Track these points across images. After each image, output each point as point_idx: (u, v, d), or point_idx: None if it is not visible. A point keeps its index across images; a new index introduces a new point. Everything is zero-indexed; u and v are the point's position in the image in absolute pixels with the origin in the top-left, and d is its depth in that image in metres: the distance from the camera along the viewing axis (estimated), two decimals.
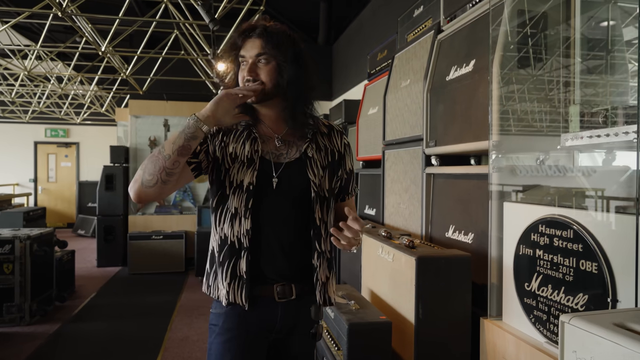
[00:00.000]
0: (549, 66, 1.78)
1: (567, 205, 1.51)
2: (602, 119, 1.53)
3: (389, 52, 3.48)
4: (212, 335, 1.33)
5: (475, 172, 2.04)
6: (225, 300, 1.26)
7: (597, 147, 1.61)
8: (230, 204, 1.27)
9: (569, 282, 1.35)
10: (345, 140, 1.43)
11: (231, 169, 1.27)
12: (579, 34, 1.77)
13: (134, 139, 6.52)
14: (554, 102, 1.75)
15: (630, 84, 1.72)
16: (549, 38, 1.80)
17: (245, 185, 1.25)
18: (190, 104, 6.45)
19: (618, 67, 1.76)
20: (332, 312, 1.91)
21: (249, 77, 1.24)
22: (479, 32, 2.06)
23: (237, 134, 1.31)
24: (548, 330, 1.43)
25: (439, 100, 2.31)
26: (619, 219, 1.22)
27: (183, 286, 5.23)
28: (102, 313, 4.23)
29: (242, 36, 1.27)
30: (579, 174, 1.72)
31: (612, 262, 1.21)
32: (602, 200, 1.52)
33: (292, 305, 1.29)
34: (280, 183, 1.27)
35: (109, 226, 6.21)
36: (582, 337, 0.93)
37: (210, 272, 1.33)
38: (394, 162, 2.93)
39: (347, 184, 1.43)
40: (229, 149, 1.29)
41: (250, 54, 1.25)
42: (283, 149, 1.31)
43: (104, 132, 10.62)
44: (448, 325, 1.74)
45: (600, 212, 1.30)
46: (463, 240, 2.06)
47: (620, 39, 1.77)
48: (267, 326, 1.30)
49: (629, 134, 1.37)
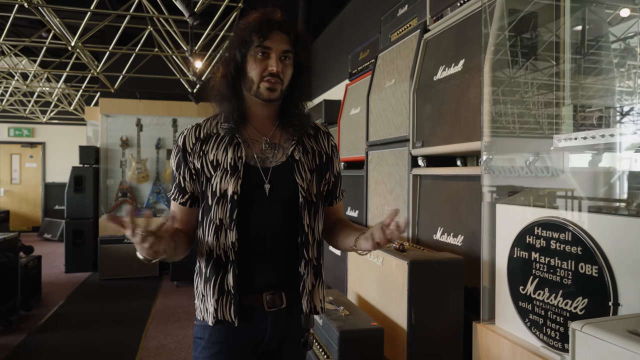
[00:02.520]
0: (540, 67, 1.77)
1: (561, 207, 1.49)
2: (596, 120, 1.52)
3: (372, 52, 3.44)
4: (198, 349, 1.25)
5: (464, 173, 2.01)
6: (213, 319, 1.19)
7: (590, 148, 1.60)
8: (214, 216, 1.19)
9: (568, 286, 1.33)
10: (332, 141, 1.37)
11: (213, 178, 1.19)
12: (569, 35, 1.76)
13: (105, 139, 6.28)
14: (546, 103, 1.74)
15: (617, 85, 1.72)
16: (539, 38, 1.79)
17: (230, 195, 1.17)
18: (165, 103, 6.26)
19: (606, 68, 1.76)
20: (321, 319, 1.84)
21: (276, 72, 1.16)
22: (468, 31, 2.03)
23: (218, 140, 1.23)
24: (545, 335, 1.41)
25: (426, 100, 2.28)
26: (619, 221, 1.20)
27: (157, 292, 5.06)
28: (71, 322, 4.02)
29: (268, 25, 1.17)
30: (570, 175, 1.71)
31: (613, 265, 1.19)
32: (587, 201, 1.51)
33: (283, 314, 1.23)
34: (271, 189, 1.20)
35: (78, 230, 5.95)
36: (595, 346, 0.89)
37: (198, 292, 1.25)
38: (377, 163, 2.89)
39: (335, 188, 1.37)
40: (209, 157, 1.21)
41: (278, 47, 1.17)
42: (269, 152, 1.24)
43: (72, 131, 10.22)
44: (440, 330, 1.70)
45: (599, 214, 1.28)
46: (452, 243, 2.03)
47: (607, 44, 1.77)
48: (257, 338, 1.23)
49: (626, 135, 1.36)
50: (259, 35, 1.16)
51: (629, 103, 1.58)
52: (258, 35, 1.16)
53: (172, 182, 1.27)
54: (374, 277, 2.02)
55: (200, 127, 1.26)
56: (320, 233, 1.29)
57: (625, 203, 1.43)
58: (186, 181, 1.23)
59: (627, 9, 1.82)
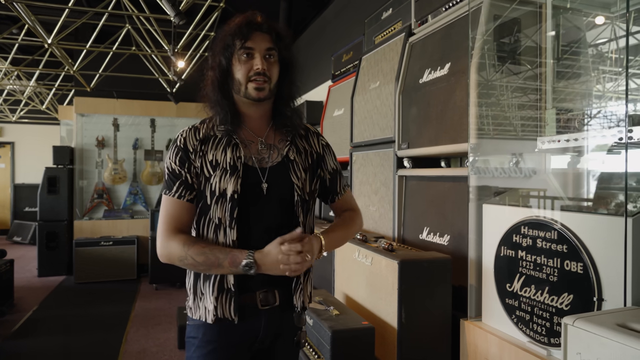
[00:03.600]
0: (524, 71, 1.83)
1: (546, 207, 1.55)
2: (578, 123, 1.59)
3: (355, 54, 3.47)
4: (192, 348, 1.25)
5: (450, 174, 2.06)
6: (213, 317, 1.19)
7: (570, 150, 1.67)
8: (213, 214, 1.21)
9: (553, 283, 1.38)
10: (323, 141, 1.41)
11: (212, 178, 1.21)
12: (550, 41, 1.83)
13: (80, 139, 6.12)
14: (531, 107, 1.80)
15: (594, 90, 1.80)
16: (523, 44, 1.85)
17: (230, 194, 1.19)
18: (143, 103, 6.15)
19: (585, 72, 1.83)
20: (311, 319, 1.85)
21: (262, 70, 1.18)
22: (453, 35, 2.08)
23: (217, 141, 1.25)
24: (531, 330, 1.46)
25: (411, 102, 2.32)
26: (603, 220, 1.26)
27: (136, 295, 4.96)
28: (46, 327, 3.90)
29: (248, 27, 1.20)
30: (552, 176, 1.78)
31: (597, 262, 1.25)
32: (570, 201, 1.58)
33: (276, 312, 1.25)
34: (269, 188, 1.24)
35: (52, 232, 5.78)
36: (587, 339, 0.93)
37: (193, 291, 1.25)
38: (362, 164, 2.92)
39: (334, 184, 1.40)
40: (208, 157, 1.23)
41: (260, 46, 1.20)
42: (265, 152, 1.27)
43: (43, 131, 9.91)
44: (429, 328, 1.74)
45: (583, 214, 1.33)
46: (439, 242, 2.08)
47: (584, 49, 1.85)
48: (251, 336, 1.24)
49: (606, 137, 1.43)
50: (241, 38, 1.19)
51: (604, 106, 1.65)
52: (239, 37, 1.19)
53: (173, 181, 1.25)
54: (362, 277, 2.04)
55: (198, 129, 1.27)
56: (312, 230, 1.33)
57: (606, 202, 1.50)
58: (193, 178, 1.23)
59: (602, 17, 1.91)
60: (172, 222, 1.23)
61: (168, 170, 1.26)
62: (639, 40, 1.71)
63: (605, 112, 1.62)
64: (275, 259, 1.13)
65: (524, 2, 1.85)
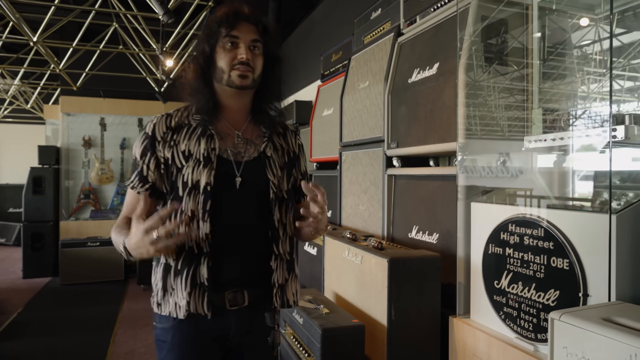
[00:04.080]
0: (511, 72, 1.86)
1: (532, 205, 1.57)
2: (563, 123, 1.62)
3: (345, 54, 3.49)
4: (163, 351, 1.23)
5: (440, 173, 2.08)
6: (185, 312, 1.16)
7: (556, 149, 1.70)
8: (185, 207, 1.17)
9: (540, 279, 1.40)
10: (299, 140, 1.40)
11: (184, 169, 1.18)
12: (536, 42, 1.86)
13: (66, 139, 6.04)
14: (518, 107, 1.83)
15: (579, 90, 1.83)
16: (510, 44, 1.88)
17: (203, 186, 1.17)
18: (130, 102, 6.09)
19: (570, 73, 1.87)
20: (301, 318, 1.85)
21: (246, 60, 1.17)
22: (442, 36, 2.10)
23: (190, 130, 1.22)
24: (518, 326, 1.48)
25: (400, 102, 2.34)
26: (588, 217, 1.28)
27: (124, 296, 4.91)
28: (32, 330, 3.84)
29: (235, 17, 1.19)
30: (537, 175, 1.80)
31: (583, 259, 1.27)
32: (556, 199, 1.60)
33: (245, 312, 1.22)
34: (242, 182, 1.21)
35: (37, 233, 5.70)
36: (573, 333, 0.95)
37: (163, 287, 1.21)
38: (351, 164, 2.93)
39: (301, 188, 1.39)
40: (180, 147, 1.20)
41: (246, 37, 1.18)
42: (241, 146, 1.25)
43: (28, 130, 9.77)
44: (419, 325, 1.75)
45: (569, 211, 1.36)
46: (427, 241, 2.10)
47: (570, 51, 1.88)
48: (220, 337, 1.23)
49: (590, 136, 1.45)
50: (227, 26, 1.17)
51: (589, 107, 1.69)
52: (225, 26, 1.17)
53: (132, 170, 1.24)
54: (352, 275, 2.05)
55: (172, 116, 1.24)
56: (292, 228, 1.30)
57: (591, 200, 1.53)
58: (150, 170, 1.20)
59: (586, 19, 1.94)
60: (125, 211, 1.24)
61: (133, 157, 1.25)
62: (622, 42, 1.75)
63: (590, 112, 1.66)
64: (138, 239, 1.05)
65: (511, 4, 1.88)
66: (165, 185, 1.22)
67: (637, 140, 1.38)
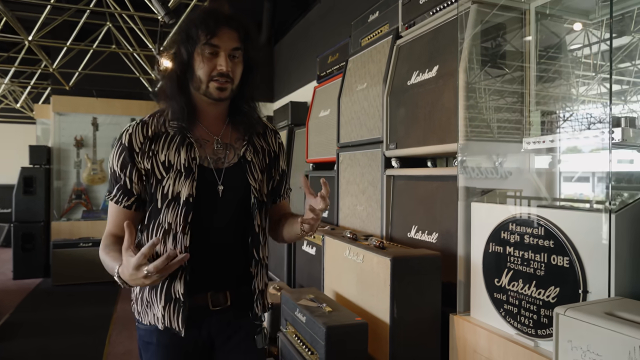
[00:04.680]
0: (510, 74, 1.90)
1: (532, 204, 1.62)
2: (559, 125, 1.66)
3: (342, 55, 3.52)
4: (148, 352, 1.23)
5: (439, 173, 2.11)
6: (162, 325, 1.16)
7: (554, 150, 1.75)
8: (162, 219, 1.15)
9: (541, 277, 1.44)
10: (279, 139, 1.37)
11: (165, 180, 1.15)
12: (534, 46, 1.91)
13: (57, 138, 5.98)
14: (516, 109, 1.87)
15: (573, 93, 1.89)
16: (508, 48, 1.92)
17: (184, 198, 1.14)
18: (123, 102, 6.05)
19: (567, 76, 1.92)
20: (304, 316, 1.87)
21: (226, 71, 1.12)
22: (441, 39, 2.14)
23: (169, 139, 1.17)
24: (519, 323, 1.52)
25: (399, 103, 2.37)
26: (588, 216, 1.32)
27: (117, 296, 4.88)
28: (26, 331, 3.81)
29: (216, 22, 1.12)
30: (536, 175, 1.85)
31: (583, 257, 1.31)
32: (554, 199, 1.65)
33: (227, 312, 1.23)
34: (224, 190, 1.19)
35: (28, 234, 5.64)
36: (577, 327, 0.99)
37: (139, 296, 1.21)
38: (349, 164, 2.96)
39: (280, 186, 1.38)
40: (159, 157, 1.15)
41: (226, 45, 1.12)
42: (221, 152, 1.22)
43: (18, 130, 9.64)
44: (420, 322, 1.79)
45: (569, 211, 1.40)
46: (427, 240, 2.13)
47: (565, 56, 1.93)
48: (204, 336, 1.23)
49: (589, 138, 1.50)
50: (206, 33, 1.11)
51: (587, 109, 1.74)
52: (205, 32, 1.11)
53: (114, 184, 1.18)
54: (353, 274, 2.08)
55: (147, 124, 1.18)
56: (268, 232, 1.31)
57: (589, 201, 1.58)
58: (133, 183, 1.16)
59: (579, 23, 2.00)
60: (110, 227, 1.18)
61: (110, 170, 1.19)
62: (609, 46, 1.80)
63: (585, 115, 1.71)
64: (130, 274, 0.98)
65: (509, 9, 1.93)
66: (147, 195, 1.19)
67: (632, 142, 1.43)
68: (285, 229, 1.32)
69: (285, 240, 1.37)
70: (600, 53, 1.80)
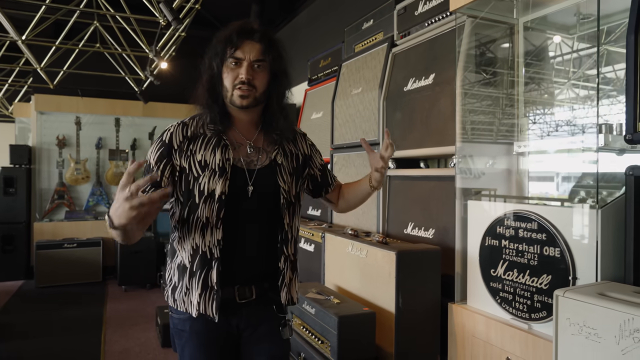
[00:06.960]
0: (502, 83, 2.08)
1: (526, 201, 1.79)
2: (550, 129, 1.84)
3: (334, 60, 3.65)
4: (182, 339, 1.32)
5: (435, 174, 2.27)
6: (196, 312, 1.26)
7: (543, 152, 1.93)
8: (201, 214, 1.25)
9: (534, 266, 1.61)
10: (309, 140, 1.51)
11: (201, 177, 1.25)
12: (522, 55, 2.09)
13: (39, 138, 5.88)
14: (509, 114, 2.05)
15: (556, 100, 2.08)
16: (502, 57, 2.10)
17: (218, 195, 1.24)
18: (108, 101, 6.00)
19: (553, 83, 2.11)
20: (313, 308, 2.00)
21: (247, 79, 1.24)
22: (437, 49, 2.30)
23: (206, 140, 1.29)
24: (514, 308, 1.69)
25: (396, 108, 2.52)
26: (577, 211, 1.50)
27: (105, 297, 4.86)
28: (16, 332, 3.78)
29: (240, 35, 1.25)
30: (526, 175, 2.03)
31: (572, 247, 1.49)
32: (545, 196, 1.83)
33: (253, 306, 1.32)
34: (254, 190, 1.29)
35: (9, 235, 5.53)
36: (575, 306, 1.15)
37: (179, 285, 1.30)
38: (344, 165, 3.10)
39: (325, 177, 1.53)
40: (197, 157, 1.27)
41: (248, 56, 1.24)
42: (254, 155, 1.33)
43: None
44: (422, 312, 1.94)
45: (560, 207, 1.58)
46: (424, 236, 2.29)
47: (549, 64, 2.12)
48: (233, 327, 1.32)
49: (575, 142, 1.69)
50: (231, 46, 1.25)
51: (574, 116, 1.93)
52: (230, 46, 1.25)
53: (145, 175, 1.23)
54: (356, 268, 2.21)
55: (187, 125, 1.30)
56: (298, 230, 1.42)
57: (573, 199, 1.76)
58: (164, 176, 1.25)
59: (559, 36, 2.19)
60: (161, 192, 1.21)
61: (147, 161, 1.27)
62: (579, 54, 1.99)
63: (573, 120, 1.89)
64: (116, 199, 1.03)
65: (500, 22, 2.10)
66: (179, 192, 1.29)
67: (611, 146, 1.62)
68: (352, 194, 1.54)
69: (351, 205, 1.56)
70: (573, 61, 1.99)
